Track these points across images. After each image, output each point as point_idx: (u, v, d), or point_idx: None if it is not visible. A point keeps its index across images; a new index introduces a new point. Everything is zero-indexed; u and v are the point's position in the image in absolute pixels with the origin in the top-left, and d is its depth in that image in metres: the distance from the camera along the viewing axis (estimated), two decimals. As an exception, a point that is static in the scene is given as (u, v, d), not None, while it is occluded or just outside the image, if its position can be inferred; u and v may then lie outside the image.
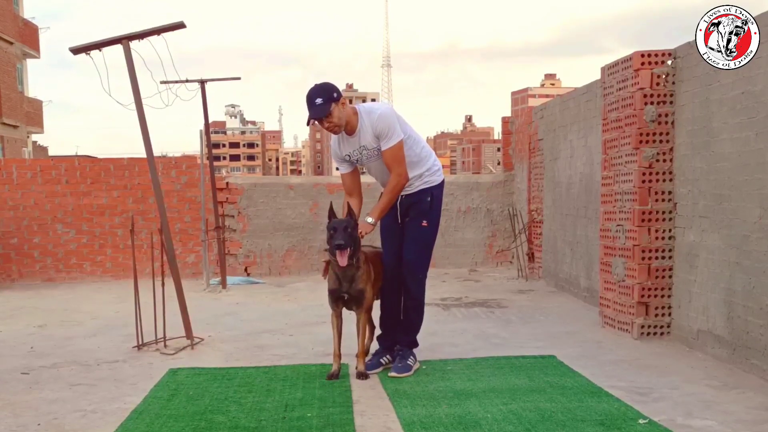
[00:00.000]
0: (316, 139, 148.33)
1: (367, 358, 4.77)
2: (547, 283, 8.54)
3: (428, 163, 4.76)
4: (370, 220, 4.57)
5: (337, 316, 4.64)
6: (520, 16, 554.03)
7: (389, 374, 4.61)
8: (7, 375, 4.82)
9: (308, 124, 4.60)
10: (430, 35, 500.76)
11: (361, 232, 4.50)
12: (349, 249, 4.37)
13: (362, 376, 4.57)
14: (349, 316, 4.77)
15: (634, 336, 5.54)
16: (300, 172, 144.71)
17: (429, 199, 4.75)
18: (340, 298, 4.58)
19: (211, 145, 8.72)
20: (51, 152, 36.08)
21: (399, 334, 4.84)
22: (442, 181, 4.86)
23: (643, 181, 5.50)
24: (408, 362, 4.70)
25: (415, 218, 4.73)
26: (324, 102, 4.42)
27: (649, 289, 5.52)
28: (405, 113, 4.67)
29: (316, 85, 4.54)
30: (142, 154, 6.12)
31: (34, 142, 32.18)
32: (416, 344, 4.87)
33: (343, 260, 4.36)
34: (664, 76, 5.47)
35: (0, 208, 9.47)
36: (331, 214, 4.56)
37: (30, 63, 30.05)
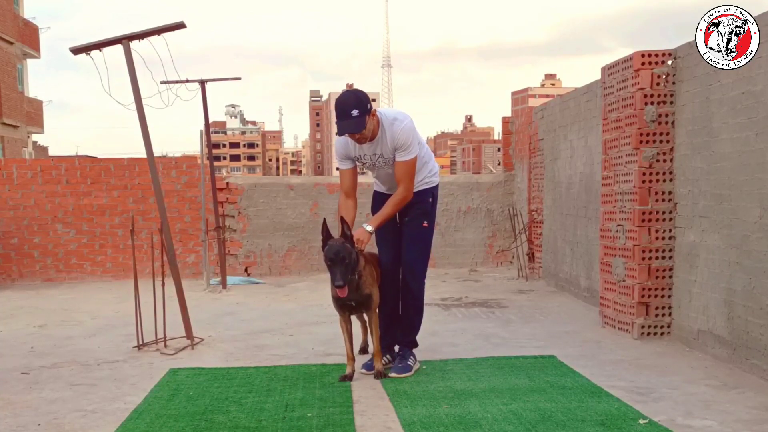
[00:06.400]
0: (316, 139, 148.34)
1: (367, 358, 4.77)
2: (547, 283, 8.54)
3: (429, 166, 4.80)
4: (369, 228, 4.48)
5: (345, 320, 4.60)
6: (517, 15, 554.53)
7: (389, 374, 4.61)
8: (7, 375, 4.83)
9: (339, 134, 4.44)
10: (428, 35, 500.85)
11: (361, 243, 4.41)
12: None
13: (380, 375, 4.57)
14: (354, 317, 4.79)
15: (635, 336, 5.55)
16: (300, 172, 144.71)
17: (430, 199, 4.78)
18: (346, 306, 4.52)
19: (212, 145, 8.73)
20: (51, 152, 36.09)
21: (398, 334, 4.84)
22: (439, 183, 4.93)
23: (644, 181, 5.50)
24: (408, 362, 4.70)
25: (415, 218, 4.73)
26: (360, 115, 4.27)
27: (650, 289, 5.52)
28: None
29: (349, 92, 4.39)
30: (142, 154, 6.12)
31: (35, 142, 32.16)
32: (416, 344, 4.86)
33: (343, 293, 4.29)
34: (664, 76, 5.47)
35: (0, 208, 9.47)
36: (325, 232, 4.37)
37: (30, 63, 30.04)
